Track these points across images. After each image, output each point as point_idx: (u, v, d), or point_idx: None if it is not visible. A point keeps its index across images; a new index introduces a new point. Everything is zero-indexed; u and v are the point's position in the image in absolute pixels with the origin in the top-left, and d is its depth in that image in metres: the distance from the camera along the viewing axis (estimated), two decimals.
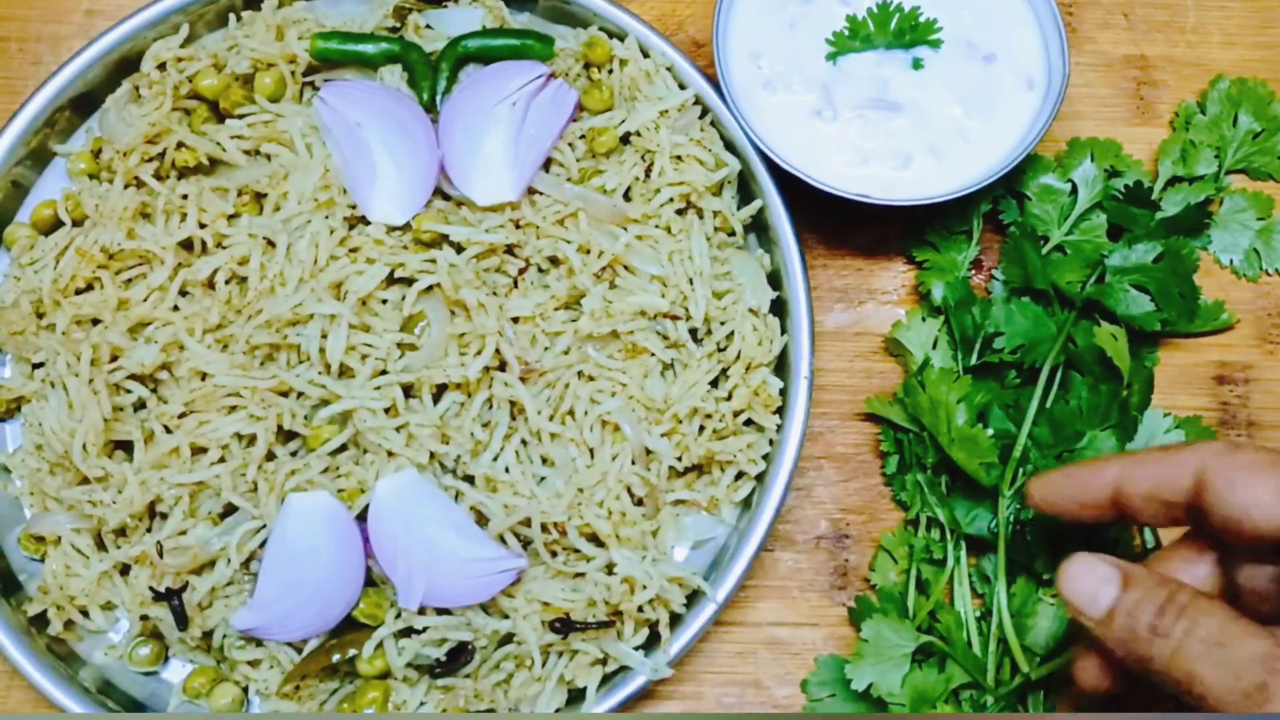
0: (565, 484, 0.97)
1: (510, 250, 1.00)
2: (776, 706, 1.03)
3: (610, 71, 1.07)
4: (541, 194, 1.01)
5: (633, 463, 0.98)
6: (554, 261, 1.01)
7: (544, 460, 0.98)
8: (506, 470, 0.96)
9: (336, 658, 0.94)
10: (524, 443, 0.98)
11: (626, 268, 1.00)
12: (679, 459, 0.99)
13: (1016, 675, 0.99)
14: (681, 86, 1.06)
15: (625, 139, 1.05)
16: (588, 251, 0.99)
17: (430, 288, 0.97)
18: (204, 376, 0.95)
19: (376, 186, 0.98)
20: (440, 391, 0.97)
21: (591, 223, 1.00)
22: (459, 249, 0.99)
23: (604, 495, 0.96)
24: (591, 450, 0.98)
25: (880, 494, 1.07)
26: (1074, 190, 1.11)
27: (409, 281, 0.98)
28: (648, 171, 1.03)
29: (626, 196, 1.03)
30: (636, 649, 0.96)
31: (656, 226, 1.01)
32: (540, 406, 0.97)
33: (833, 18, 1.05)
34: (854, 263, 1.13)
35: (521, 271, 1.00)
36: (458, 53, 1.04)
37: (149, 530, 0.95)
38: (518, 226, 1.00)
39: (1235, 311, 1.12)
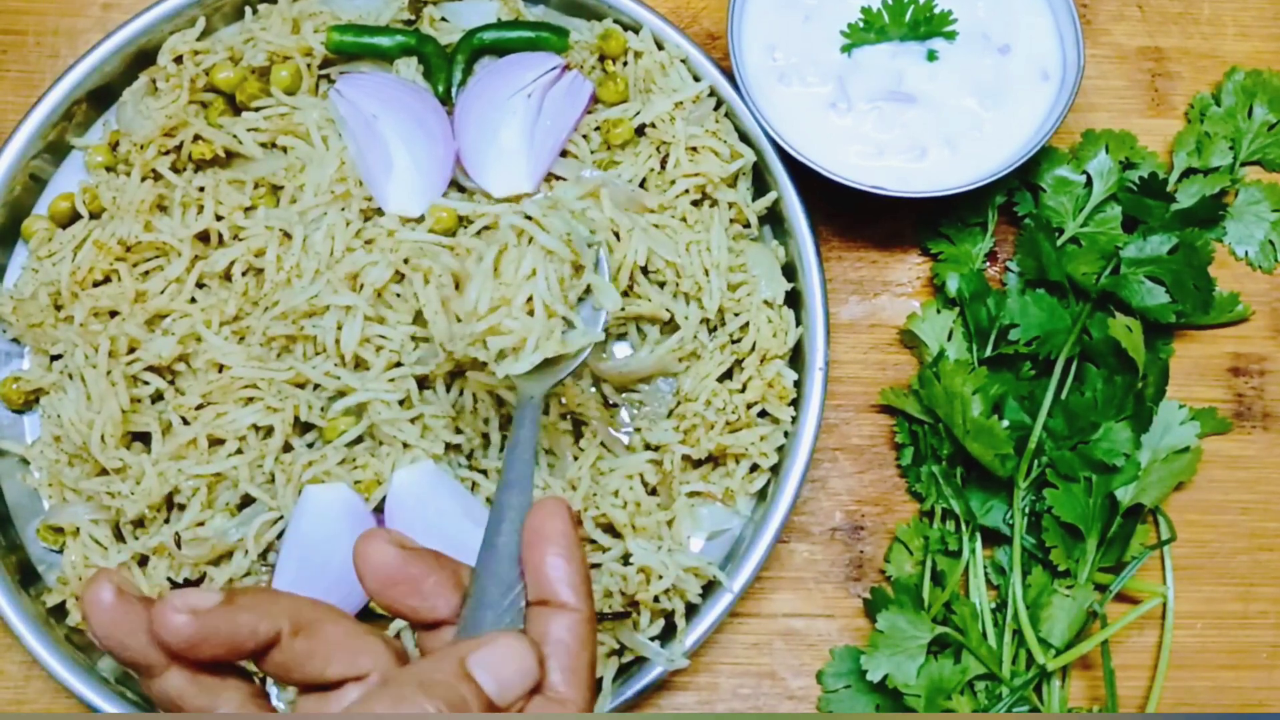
0: (579, 474, 0.97)
1: None
2: (792, 697, 1.03)
3: (625, 64, 1.07)
4: (561, 179, 1.01)
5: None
6: None
7: (546, 450, 0.98)
8: None
9: None
10: None
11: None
12: (690, 450, 0.99)
13: (1032, 667, 0.99)
14: (696, 79, 1.06)
15: (640, 131, 1.05)
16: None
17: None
18: (221, 368, 0.96)
19: (392, 178, 0.99)
20: (452, 381, 0.97)
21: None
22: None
23: (619, 485, 0.97)
24: (604, 441, 0.98)
25: (895, 485, 1.08)
26: (1089, 182, 1.10)
27: None
28: (663, 163, 1.03)
29: (642, 188, 1.03)
30: (652, 640, 0.96)
31: (672, 217, 1.01)
32: None
33: (847, 10, 1.05)
34: (869, 255, 1.13)
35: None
36: (473, 45, 1.04)
37: (167, 521, 0.96)
38: None
39: (1250, 303, 1.11)
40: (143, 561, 0.97)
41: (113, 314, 0.98)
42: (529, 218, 0.84)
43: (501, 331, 0.83)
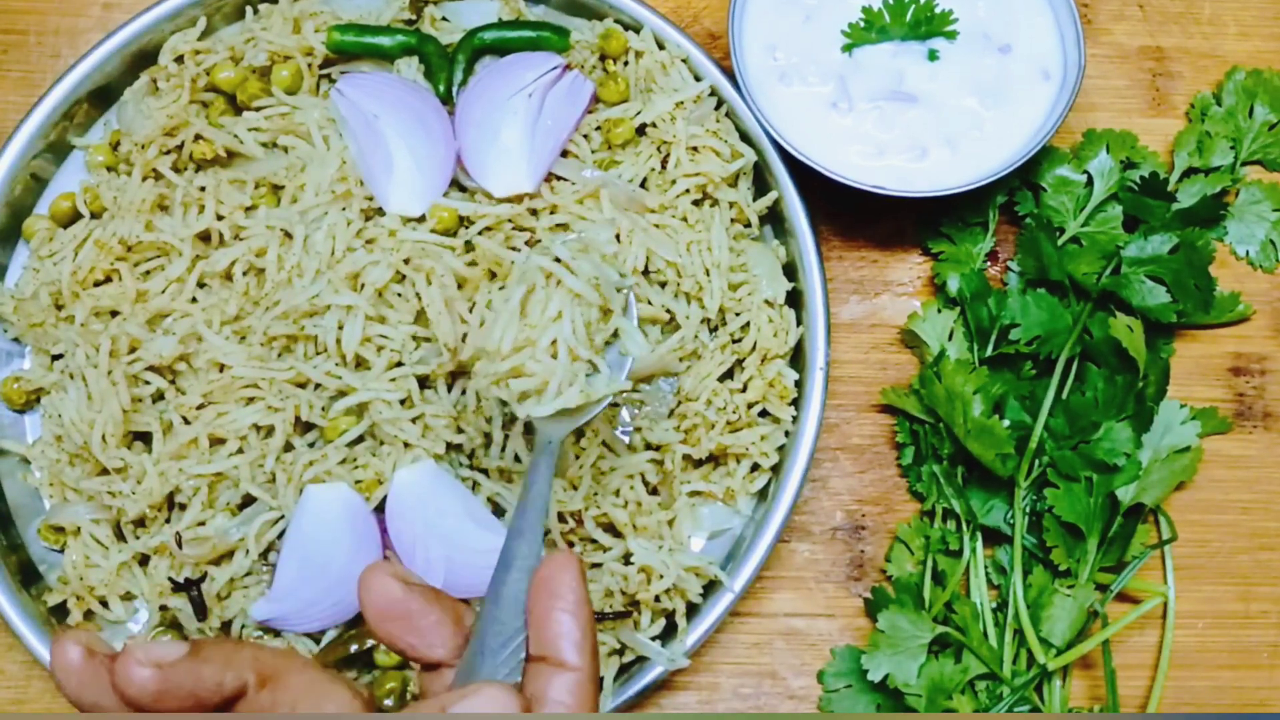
0: (580, 473, 0.97)
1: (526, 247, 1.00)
2: (793, 697, 1.03)
3: (626, 63, 1.07)
4: (561, 179, 1.01)
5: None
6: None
7: None
8: (517, 459, 0.97)
9: (355, 648, 0.94)
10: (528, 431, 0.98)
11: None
12: (691, 450, 0.99)
13: (1033, 666, 0.99)
14: (697, 78, 1.06)
15: (641, 130, 1.05)
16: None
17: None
18: (222, 368, 0.96)
19: (393, 178, 0.99)
20: (453, 380, 0.97)
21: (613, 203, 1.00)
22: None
23: (619, 484, 0.97)
24: (605, 441, 0.98)
25: (896, 485, 1.08)
26: (1090, 182, 1.10)
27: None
28: (664, 163, 1.03)
29: (643, 188, 1.03)
30: (653, 639, 0.96)
31: (673, 217, 1.01)
32: None
33: (848, 9, 1.05)
34: (870, 254, 1.13)
35: (528, 244, 0.99)
36: (474, 45, 1.04)
37: (168, 521, 0.96)
38: (534, 215, 1.00)
39: (1251, 303, 1.11)
40: (144, 561, 0.97)
41: (114, 314, 0.98)
42: (558, 260, 0.83)
43: (525, 373, 0.82)
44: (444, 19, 1.08)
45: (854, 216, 1.13)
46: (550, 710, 0.65)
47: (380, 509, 0.95)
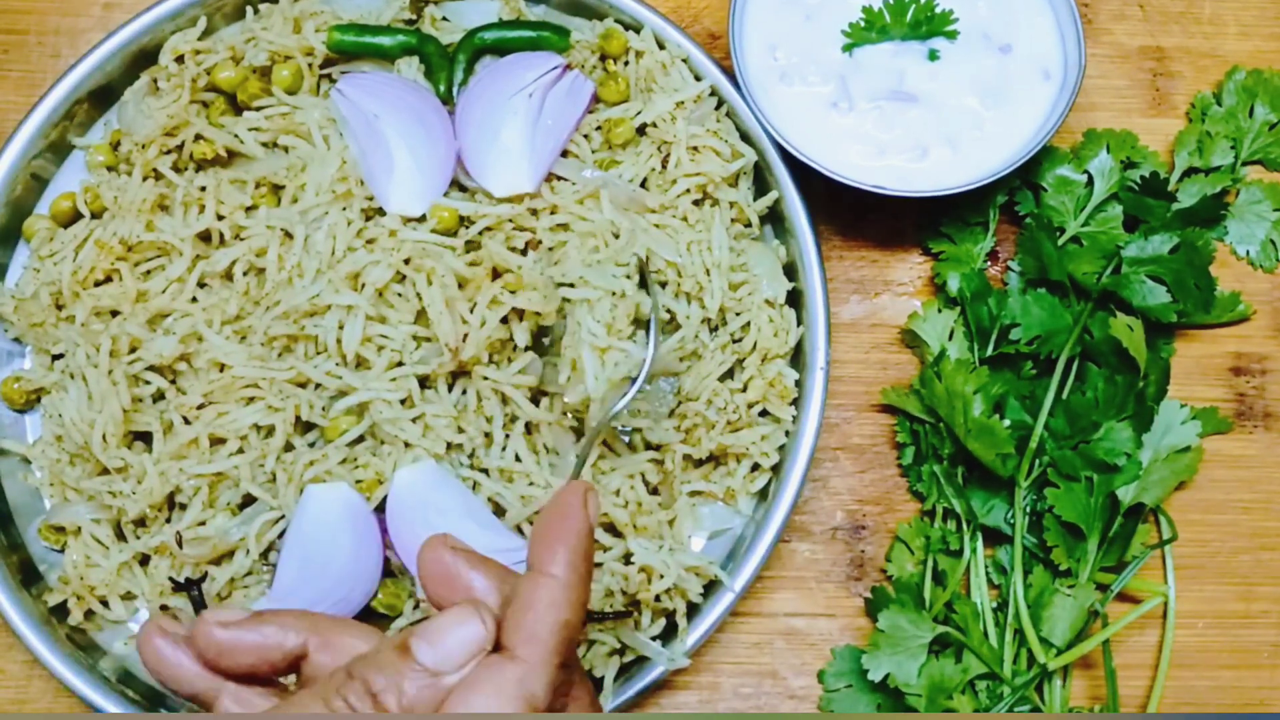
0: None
1: (526, 248, 1.00)
2: (793, 697, 1.03)
3: (626, 63, 1.07)
4: (562, 179, 1.01)
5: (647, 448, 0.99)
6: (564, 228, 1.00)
7: (547, 449, 0.98)
8: (518, 459, 0.97)
9: None
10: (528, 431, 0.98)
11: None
12: (692, 450, 0.99)
13: (1033, 666, 0.99)
14: (697, 78, 1.06)
15: (641, 130, 1.05)
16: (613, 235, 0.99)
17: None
18: (222, 368, 0.96)
19: (394, 178, 0.99)
20: (454, 380, 0.97)
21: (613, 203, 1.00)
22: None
23: (620, 484, 0.97)
24: (605, 441, 0.98)
25: (896, 485, 1.08)
26: (1090, 182, 1.10)
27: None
28: (664, 163, 1.03)
29: (643, 188, 1.03)
30: (654, 639, 0.96)
31: (674, 217, 1.01)
32: None
33: (849, 9, 1.05)
34: (870, 254, 1.13)
35: (529, 245, 0.99)
36: (474, 45, 1.04)
37: (168, 521, 0.96)
38: (534, 215, 1.00)
39: (1251, 303, 1.11)
40: (144, 561, 0.97)
41: (114, 313, 0.98)
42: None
43: (576, 384, 0.94)
44: (444, 19, 1.08)
45: (854, 216, 1.13)
46: (518, 610, 0.68)
47: (381, 509, 0.95)
